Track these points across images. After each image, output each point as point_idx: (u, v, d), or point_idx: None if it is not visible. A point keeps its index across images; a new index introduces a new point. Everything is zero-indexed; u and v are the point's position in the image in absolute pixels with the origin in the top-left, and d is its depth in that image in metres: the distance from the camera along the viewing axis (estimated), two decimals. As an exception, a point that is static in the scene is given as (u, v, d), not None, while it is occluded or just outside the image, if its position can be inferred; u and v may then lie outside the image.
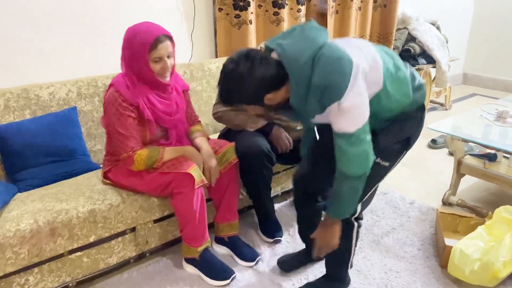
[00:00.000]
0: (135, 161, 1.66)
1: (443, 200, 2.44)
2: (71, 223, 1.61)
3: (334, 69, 1.27)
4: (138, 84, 1.68)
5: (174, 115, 1.79)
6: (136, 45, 1.62)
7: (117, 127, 1.66)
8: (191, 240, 1.80)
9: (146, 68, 1.65)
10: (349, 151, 1.31)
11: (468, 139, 2.22)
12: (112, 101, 1.66)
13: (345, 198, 1.41)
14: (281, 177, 2.38)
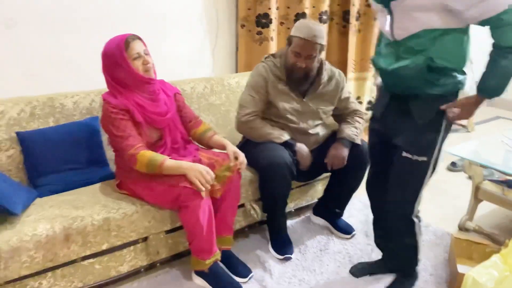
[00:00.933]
0: (137, 161, 1.70)
1: (460, 225, 2.39)
2: (85, 230, 1.66)
3: None
4: (125, 91, 1.78)
5: (165, 115, 1.86)
6: (112, 52, 1.75)
7: (115, 132, 1.74)
8: (200, 253, 1.82)
9: (129, 68, 1.75)
10: None
11: (486, 165, 2.18)
12: (104, 113, 1.78)
13: (507, 73, 1.42)
14: (294, 194, 2.38)
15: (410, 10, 1.45)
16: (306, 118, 2.14)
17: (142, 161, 1.70)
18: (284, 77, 2.08)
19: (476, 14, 1.39)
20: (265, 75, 2.09)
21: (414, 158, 1.58)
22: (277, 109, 2.10)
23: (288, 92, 2.10)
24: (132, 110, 1.76)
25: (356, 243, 2.25)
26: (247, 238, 2.25)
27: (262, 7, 2.73)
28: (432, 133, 1.57)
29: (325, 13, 3.02)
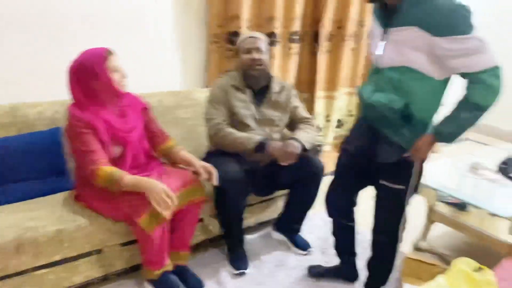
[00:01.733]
0: (98, 176, 1.71)
1: (414, 245, 2.47)
2: (37, 240, 1.68)
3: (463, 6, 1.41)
4: (92, 106, 1.79)
5: (130, 132, 1.87)
6: (91, 63, 1.75)
7: (79, 146, 1.75)
8: (150, 264, 1.86)
9: (108, 80, 1.76)
10: (493, 83, 1.44)
11: (437, 188, 2.27)
12: (69, 125, 1.78)
13: (464, 125, 1.51)
14: (256, 209, 2.44)
15: (402, 43, 1.51)
16: (264, 125, 2.22)
17: (102, 176, 1.71)
18: (242, 86, 2.21)
19: (459, 66, 1.45)
20: (224, 86, 2.21)
21: (394, 187, 1.67)
22: (238, 117, 2.18)
23: (247, 100, 2.21)
24: (98, 128, 1.76)
25: (311, 259, 2.30)
26: (205, 252, 2.29)
27: (233, 26, 2.80)
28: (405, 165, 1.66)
29: (296, 34, 3.11)
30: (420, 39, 1.45)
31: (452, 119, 1.52)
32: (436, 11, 1.41)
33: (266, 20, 2.94)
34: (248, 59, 2.19)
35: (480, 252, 2.45)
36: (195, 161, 1.97)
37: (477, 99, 1.46)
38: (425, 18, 1.43)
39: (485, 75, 1.43)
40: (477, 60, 1.42)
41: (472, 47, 1.41)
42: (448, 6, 1.41)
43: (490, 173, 2.41)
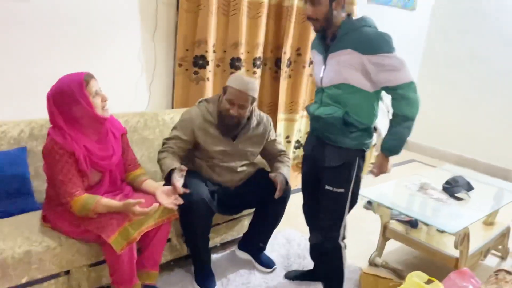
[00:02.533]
0: (72, 206, 1.75)
1: (369, 261, 2.63)
2: (5, 262, 1.65)
3: (390, 38, 1.77)
4: (73, 132, 1.79)
5: (110, 159, 1.90)
6: (71, 90, 1.75)
7: (56, 174, 1.75)
8: (120, 284, 1.88)
9: (89, 106, 1.76)
10: (412, 97, 1.77)
11: (391, 207, 2.45)
12: (49, 150, 1.76)
13: (402, 136, 1.83)
14: (221, 229, 2.50)
15: (339, 64, 1.81)
16: (234, 158, 2.29)
17: (77, 206, 1.75)
18: (215, 121, 2.21)
19: (383, 80, 1.78)
20: (194, 119, 2.21)
21: (334, 190, 1.91)
22: (207, 151, 2.23)
23: (218, 136, 2.23)
24: (78, 156, 1.76)
25: (276, 276, 2.39)
26: (172, 272, 2.31)
27: (200, 49, 2.90)
28: (346, 170, 1.91)
29: (259, 59, 3.25)
30: (354, 59, 1.76)
31: (391, 134, 1.85)
32: (365, 36, 1.75)
33: (231, 46, 3.06)
34: (227, 109, 2.15)
35: (430, 266, 2.64)
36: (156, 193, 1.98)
37: (403, 112, 1.79)
38: (357, 42, 1.75)
39: (403, 91, 1.76)
40: (396, 75, 1.75)
41: (393, 64, 1.73)
42: (375, 32, 1.77)
43: (436, 193, 2.63)
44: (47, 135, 1.80)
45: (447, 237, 2.48)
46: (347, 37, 1.78)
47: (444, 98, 5.15)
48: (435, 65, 5.20)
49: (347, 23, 1.80)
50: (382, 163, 1.94)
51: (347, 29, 1.79)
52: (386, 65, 1.73)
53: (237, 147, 2.28)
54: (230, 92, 2.14)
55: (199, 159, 2.27)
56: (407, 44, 5.00)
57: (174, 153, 2.18)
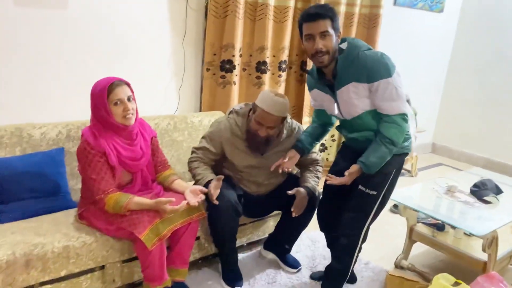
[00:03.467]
0: (106, 203, 1.84)
1: (395, 263, 2.63)
2: (45, 256, 1.75)
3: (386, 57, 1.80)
4: (104, 132, 1.88)
5: (139, 160, 1.98)
6: (97, 94, 1.85)
7: (89, 173, 1.85)
8: (151, 280, 1.95)
9: (107, 113, 1.85)
10: (403, 125, 1.83)
11: (417, 210, 2.45)
12: (82, 150, 1.86)
13: (383, 157, 1.87)
14: (247, 229, 2.55)
15: (350, 99, 1.86)
16: (262, 172, 2.28)
17: (109, 204, 1.84)
18: (243, 136, 2.20)
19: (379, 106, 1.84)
20: (223, 132, 2.21)
21: (366, 191, 1.96)
22: (234, 165, 2.26)
23: (246, 151, 2.23)
24: (108, 154, 1.85)
25: (301, 277, 2.42)
26: (200, 270, 2.38)
27: (227, 54, 2.97)
28: (382, 175, 1.96)
29: (284, 62, 3.30)
30: (360, 89, 1.82)
31: (373, 151, 1.88)
32: (362, 65, 1.79)
33: (257, 50, 3.12)
34: (255, 130, 2.12)
35: (457, 270, 2.62)
36: (185, 192, 2.04)
37: (392, 136, 1.84)
38: (357, 73, 1.80)
39: (397, 118, 1.82)
40: (393, 105, 1.81)
41: (390, 93, 1.78)
42: (370, 58, 1.79)
43: (464, 196, 2.61)
44: (81, 136, 1.90)
45: (475, 240, 2.46)
46: (347, 71, 1.82)
47: (472, 100, 5.08)
48: (463, 67, 5.13)
49: (343, 58, 1.82)
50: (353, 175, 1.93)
51: (344, 63, 1.82)
52: (381, 94, 1.79)
53: (265, 162, 2.24)
54: (258, 114, 2.09)
55: (226, 169, 2.30)
56: (434, 47, 4.96)
57: (205, 163, 2.23)
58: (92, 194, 1.88)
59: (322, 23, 1.76)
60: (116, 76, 1.91)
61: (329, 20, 1.77)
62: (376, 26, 3.83)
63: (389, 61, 1.80)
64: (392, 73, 1.78)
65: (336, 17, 1.79)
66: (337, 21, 1.80)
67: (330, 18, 1.77)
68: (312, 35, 1.78)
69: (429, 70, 5.06)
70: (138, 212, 1.86)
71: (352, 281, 2.39)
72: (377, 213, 2.05)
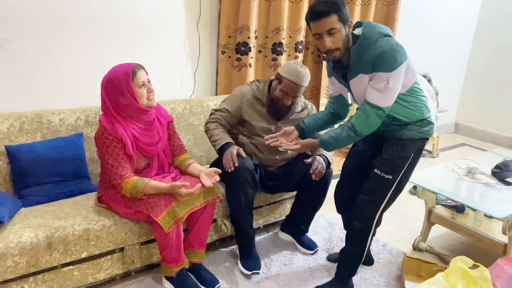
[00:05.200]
0: (123, 188, 1.87)
1: (413, 245, 2.61)
2: (67, 239, 1.81)
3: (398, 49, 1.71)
4: (121, 118, 1.91)
5: (156, 145, 2.01)
6: (118, 80, 1.86)
7: (107, 158, 1.88)
8: (169, 261, 2.00)
9: (133, 97, 1.87)
10: (372, 119, 1.78)
11: (436, 192, 2.41)
12: (100, 136, 1.89)
13: (340, 141, 1.89)
14: (264, 211, 2.57)
15: (362, 88, 1.82)
16: None
17: (126, 188, 1.87)
18: (264, 99, 2.32)
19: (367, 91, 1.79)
20: (244, 94, 2.32)
21: (382, 175, 1.93)
22: (252, 127, 2.32)
23: (264, 114, 2.33)
24: (125, 141, 1.88)
25: (318, 258, 2.44)
26: (217, 251, 2.42)
27: (242, 36, 2.95)
28: (399, 160, 1.92)
29: (301, 43, 3.25)
30: (367, 79, 1.78)
31: (334, 133, 1.90)
32: (371, 58, 1.72)
33: (273, 31, 3.08)
34: (280, 99, 2.24)
35: (476, 252, 2.59)
36: (201, 175, 2.07)
37: (356, 123, 1.82)
38: (364, 65, 1.75)
39: (369, 109, 1.77)
40: (373, 94, 1.75)
41: (379, 85, 1.73)
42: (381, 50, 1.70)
43: (485, 177, 2.55)
44: (99, 122, 1.94)
45: (495, 222, 2.42)
46: (358, 63, 1.77)
47: (497, 78, 4.91)
48: (488, 42, 4.95)
49: (355, 51, 1.76)
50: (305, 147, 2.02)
51: (358, 54, 1.76)
52: (374, 82, 1.74)
53: (280, 128, 2.30)
54: (285, 84, 2.20)
55: (242, 135, 2.36)
56: (457, 22, 4.80)
57: (223, 126, 2.30)
58: (110, 179, 1.93)
59: (327, 20, 1.69)
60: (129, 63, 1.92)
61: (335, 15, 1.69)
62: (396, 3, 3.72)
63: (399, 54, 1.70)
64: (394, 69, 1.69)
65: (342, 9, 1.69)
66: (344, 12, 1.71)
67: (335, 12, 1.68)
68: (320, 34, 1.73)
69: (452, 46, 4.90)
70: (155, 196, 1.89)
71: (369, 263, 2.40)
72: (393, 197, 2.01)
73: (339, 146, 1.92)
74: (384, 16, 3.77)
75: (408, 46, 3.24)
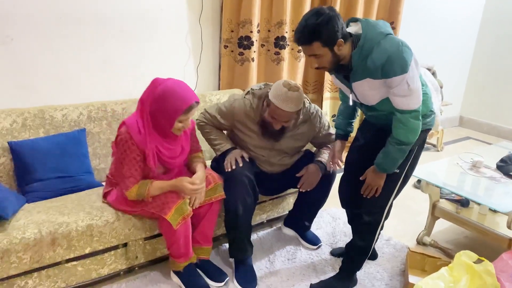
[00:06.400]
0: (128, 196, 1.88)
1: (417, 240, 2.60)
2: (70, 235, 1.81)
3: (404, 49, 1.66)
4: (151, 131, 1.85)
5: (178, 158, 1.98)
6: (170, 106, 1.78)
7: (122, 164, 1.86)
8: (177, 257, 2.00)
9: (169, 125, 1.83)
10: (411, 124, 1.75)
11: (440, 186, 2.39)
12: (123, 141, 1.82)
13: (394, 157, 1.83)
14: (267, 206, 2.56)
15: (364, 91, 1.81)
16: (274, 153, 2.24)
17: (131, 196, 1.88)
18: (256, 118, 2.15)
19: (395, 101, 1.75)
20: (236, 111, 2.16)
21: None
22: (244, 142, 2.22)
23: (258, 133, 2.17)
24: (147, 155, 1.84)
25: (321, 253, 2.43)
26: (222, 246, 2.42)
27: (244, 30, 2.93)
28: None
29: (304, 37, 3.22)
30: (376, 84, 1.74)
31: (384, 153, 1.85)
32: (377, 62, 1.66)
33: (275, 25, 3.06)
34: (269, 122, 2.09)
35: (481, 246, 2.58)
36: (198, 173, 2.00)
37: (398, 136, 1.78)
38: (372, 70, 1.70)
39: (403, 117, 1.75)
40: (401, 101, 1.72)
41: (402, 89, 1.69)
42: (387, 53, 1.65)
43: (490, 171, 2.53)
44: (122, 124, 1.87)
45: (500, 216, 2.40)
46: (361, 67, 1.72)
47: (503, 70, 4.86)
48: (493, 35, 4.90)
49: (357, 54, 1.70)
50: (374, 177, 1.92)
51: (359, 59, 1.71)
52: (394, 89, 1.70)
53: (277, 144, 2.21)
54: (272, 109, 2.03)
55: (239, 146, 2.25)
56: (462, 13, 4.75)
57: (217, 128, 2.24)
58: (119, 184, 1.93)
59: (309, 48, 1.66)
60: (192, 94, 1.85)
61: (316, 42, 1.64)
62: (400, -5, 3.67)
63: (406, 53, 1.66)
64: (407, 68, 1.65)
65: (324, 33, 1.62)
66: (329, 35, 1.63)
67: (316, 40, 1.63)
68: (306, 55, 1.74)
69: (457, 39, 4.86)
70: (161, 196, 1.88)
71: (373, 258, 2.39)
72: (400, 189, 2.03)
73: (398, 161, 1.85)
74: (388, 9, 3.73)
75: (413, 39, 3.22)
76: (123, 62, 2.64)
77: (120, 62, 2.63)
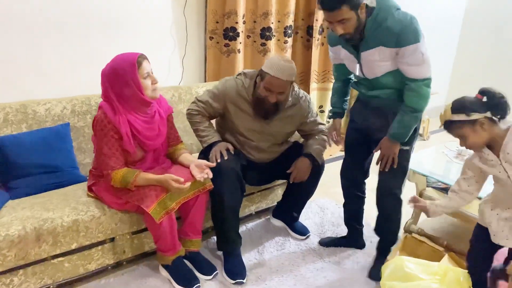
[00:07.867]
0: (112, 178, 1.85)
1: (405, 228, 2.61)
2: (55, 230, 1.79)
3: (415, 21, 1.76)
4: (123, 111, 1.85)
5: (155, 139, 1.97)
6: (124, 70, 1.80)
7: (101, 146, 1.85)
8: (164, 250, 1.99)
9: (138, 88, 1.82)
10: (423, 92, 1.82)
11: (426, 175, 2.41)
12: (99, 122, 1.84)
13: (409, 125, 1.90)
14: (255, 197, 2.56)
15: (375, 61, 1.85)
16: (264, 138, 2.25)
17: (116, 179, 1.85)
18: (249, 97, 2.16)
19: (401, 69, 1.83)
20: (228, 91, 2.16)
21: (401, 147, 1.99)
22: (234, 125, 2.21)
23: (250, 113, 2.18)
24: (124, 135, 1.83)
25: (310, 243, 2.44)
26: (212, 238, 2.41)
27: (230, 21, 2.90)
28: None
29: (290, 28, 3.21)
30: (387, 53, 1.81)
31: (399, 122, 1.91)
32: (391, 30, 1.75)
33: (261, 15, 3.03)
34: (264, 96, 2.08)
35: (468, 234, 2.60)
36: (191, 166, 2.01)
37: (412, 104, 1.85)
38: (385, 38, 1.77)
39: (416, 85, 1.81)
40: (414, 70, 1.80)
41: (415, 58, 1.76)
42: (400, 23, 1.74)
43: (475, 159, 2.55)
44: (99, 108, 1.87)
45: (486, 204, 2.43)
46: (374, 35, 1.79)
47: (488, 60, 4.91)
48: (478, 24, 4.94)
49: (371, 22, 1.77)
50: (390, 147, 1.97)
51: (373, 27, 1.78)
52: (408, 59, 1.77)
53: (267, 127, 2.22)
54: (267, 80, 2.03)
55: (228, 134, 2.26)
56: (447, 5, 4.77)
57: (207, 118, 2.23)
58: (100, 168, 1.90)
59: (337, 13, 1.70)
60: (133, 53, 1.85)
61: (345, 6, 1.68)
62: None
63: (418, 25, 1.76)
64: (420, 38, 1.75)
65: None
66: None
67: (345, 3, 1.68)
68: (331, 22, 1.76)
69: (442, 27, 4.88)
70: (145, 187, 1.87)
71: (361, 247, 2.41)
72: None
73: (411, 129, 1.92)
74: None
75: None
76: (106, 55, 2.57)
77: (103, 54, 2.56)
